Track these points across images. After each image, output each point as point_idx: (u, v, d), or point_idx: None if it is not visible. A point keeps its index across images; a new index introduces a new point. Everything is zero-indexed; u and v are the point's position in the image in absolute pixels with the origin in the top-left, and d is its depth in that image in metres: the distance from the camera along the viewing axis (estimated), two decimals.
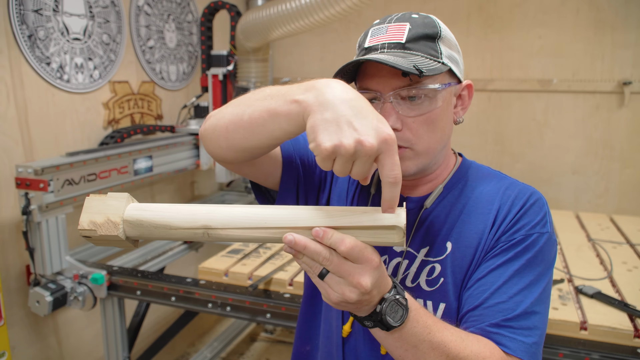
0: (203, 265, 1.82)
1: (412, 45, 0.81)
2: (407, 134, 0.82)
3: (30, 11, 1.90)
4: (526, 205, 0.85)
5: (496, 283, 0.81)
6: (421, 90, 0.81)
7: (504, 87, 2.92)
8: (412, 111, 0.81)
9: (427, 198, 0.90)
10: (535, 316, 0.80)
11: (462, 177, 0.92)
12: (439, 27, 0.84)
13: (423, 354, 0.73)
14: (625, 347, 1.33)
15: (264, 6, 2.27)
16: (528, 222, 0.83)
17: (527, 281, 0.80)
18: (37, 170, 1.71)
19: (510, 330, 0.78)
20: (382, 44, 0.82)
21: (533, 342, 0.79)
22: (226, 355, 2.99)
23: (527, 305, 0.79)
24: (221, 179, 2.70)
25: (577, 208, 2.81)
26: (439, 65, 0.81)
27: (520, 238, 0.82)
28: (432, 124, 0.83)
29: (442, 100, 0.83)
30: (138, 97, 2.50)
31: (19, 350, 1.93)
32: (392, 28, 0.83)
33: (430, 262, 0.86)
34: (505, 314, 0.79)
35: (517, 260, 0.81)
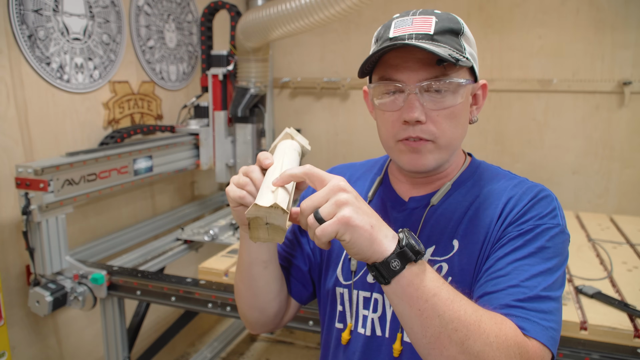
0: (203, 265, 1.82)
1: (440, 37, 0.80)
2: (431, 127, 0.82)
3: (30, 11, 1.90)
4: (535, 198, 0.82)
5: (505, 269, 0.77)
6: (448, 83, 0.80)
7: (504, 87, 2.92)
8: (437, 104, 0.81)
9: (434, 195, 0.89)
10: (551, 302, 0.75)
11: (470, 175, 0.91)
12: (462, 24, 0.84)
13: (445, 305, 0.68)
14: (625, 347, 1.33)
15: (264, 6, 2.27)
16: (537, 213, 0.81)
17: (540, 269, 0.76)
18: (37, 170, 1.71)
19: (524, 311, 0.73)
20: (410, 35, 0.81)
21: (550, 326, 0.73)
22: (226, 355, 2.99)
23: (539, 290, 0.74)
24: (221, 179, 2.70)
25: (577, 208, 2.81)
26: (466, 60, 0.81)
27: (529, 228, 0.79)
28: (455, 118, 0.83)
29: (464, 97, 0.83)
30: (138, 97, 2.50)
31: (19, 350, 1.93)
32: (417, 20, 0.82)
33: (438, 262, 0.85)
34: (516, 296, 0.74)
35: (525, 248, 0.78)
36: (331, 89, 3.27)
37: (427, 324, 0.68)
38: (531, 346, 0.71)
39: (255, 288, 0.92)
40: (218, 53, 2.58)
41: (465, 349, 0.67)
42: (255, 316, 0.97)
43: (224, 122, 2.61)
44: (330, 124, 3.33)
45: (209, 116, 2.63)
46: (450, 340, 0.68)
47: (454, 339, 0.67)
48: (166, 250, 2.25)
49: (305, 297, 1.02)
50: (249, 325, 1.00)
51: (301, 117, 3.40)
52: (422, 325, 0.69)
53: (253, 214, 0.69)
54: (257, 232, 0.71)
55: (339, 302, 0.95)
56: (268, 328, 1.00)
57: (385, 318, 0.89)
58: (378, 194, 0.97)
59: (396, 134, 0.84)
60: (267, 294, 0.94)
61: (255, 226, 0.70)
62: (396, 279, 0.69)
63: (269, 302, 0.95)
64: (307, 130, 3.40)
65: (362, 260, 0.70)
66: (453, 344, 0.68)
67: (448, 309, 0.68)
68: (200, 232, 2.36)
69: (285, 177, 0.73)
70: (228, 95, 2.62)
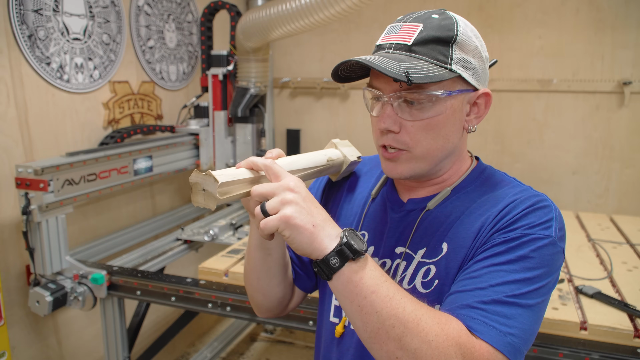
0: (203, 265, 1.82)
1: (419, 48, 0.79)
2: (404, 137, 0.82)
3: (30, 11, 1.90)
4: (531, 207, 0.79)
5: (479, 272, 0.75)
6: (421, 95, 0.79)
7: (504, 87, 2.92)
8: (410, 116, 0.81)
9: (431, 200, 0.89)
10: (517, 308, 0.72)
11: (472, 181, 0.89)
12: (457, 30, 0.81)
13: (383, 302, 0.70)
14: (625, 347, 1.33)
15: (264, 6, 2.27)
16: (528, 222, 0.77)
17: (516, 277, 0.73)
18: (37, 170, 1.71)
19: (482, 312, 0.71)
20: (390, 44, 0.81)
21: (508, 332, 0.70)
22: (226, 355, 2.99)
23: (509, 296, 0.72)
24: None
25: (577, 208, 2.81)
26: (444, 72, 0.78)
27: (515, 236, 0.76)
28: (433, 130, 0.81)
29: (449, 108, 0.81)
30: (138, 97, 2.50)
31: (19, 350, 1.93)
32: (405, 27, 0.82)
33: (426, 264, 0.84)
34: (480, 298, 0.72)
35: (505, 255, 0.75)
36: (331, 89, 3.27)
37: (367, 319, 0.71)
38: (478, 348, 0.69)
39: (259, 272, 0.95)
40: (218, 53, 2.58)
41: (402, 345, 0.69)
42: (260, 299, 1.00)
43: (224, 122, 2.61)
44: (330, 124, 3.33)
45: (209, 116, 2.63)
46: (388, 337, 0.70)
47: (392, 335, 0.69)
48: (166, 250, 2.25)
49: (309, 287, 1.05)
50: (255, 307, 1.03)
51: (301, 117, 3.41)
52: (362, 321, 0.71)
53: (193, 179, 0.77)
54: (196, 197, 0.78)
55: (334, 297, 0.95)
56: (273, 313, 1.03)
57: None
58: (381, 194, 0.97)
59: (377, 139, 0.87)
60: (270, 278, 0.96)
61: (195, 191, 0.78)
62: (336, 276, 0.72)
63: (273, 287, 0.97)
64: (307, 130, 3.40)
65: (305, 255, 0.74)
66: (391, 340, 0.69)
67: (386, 306, 0.70)
68: (200, 232, 2.36)
69: (247, 161, 0.80)
70: (228, 95, 2.62)
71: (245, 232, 2.38)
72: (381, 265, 0.90)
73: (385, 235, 0.92)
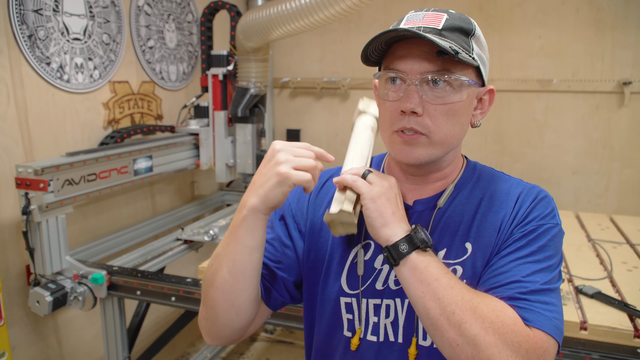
0: (203, 265, 1.82)
1: (448, 33, 0.81)
2: (426, 120, 0.82)
3: (30, 11, 1.90)
4: (536, 199, 0.87)
5: (507, 265, 0.81)
6: (449, 78, 0.80)
7: (504, 87, 2.92)
8: (436, 98, 0.81)
9: (440, 197, 0.89)
10: (551, 294, 0.79)
11: (470, 176, 0.92)
12: (474, 25, 0.85)
13: (444, 289, 0.75)
14: (625, 347, 1.33)
15: (264, 6, 2.27)
16: (539, 214, 0.85)
17: (542, 266, 0.80)
18: (37, 170, 1.71)
19: (526, 302, 0.77)
20: (418, 27, 0.81)
21: (553, 317, 0.77)
22: (226, 355, 2.99)
23: (541, 284, 0.79)
24: (221, 179, 2.70)
25: (577, 208, 2.81)
26: (470, 58, 0.81)
27: (532, 228, 0.83)
28: (452, 116, 0.82)
29: (467, 97, 0.83)
30: (138, 97, 2.50)
31: (19, 350, 1.93)
32: (429, 15, 0.83)
33: (451, 265, 0.85)
34: (519, 289, 0.78)
35: (528, 247, 0.82)
36: (331, 89, 3.27)
37: (429, 305, 0.75)
38: (533, 335, 0.74)
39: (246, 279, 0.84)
40: (218, 53, 2.58)
41: (462, 332, 0.72)
42: (230, 318, 0.87)
43: (224, 122, 2.61)
44: (330, 124, 3.33)
45: (209, 116, 2.63)
46: (448, 323, 0.73)
47: (452, 321, 0.73)
48: (166, 250, 2.25)
49: (279, 305, 0.99)
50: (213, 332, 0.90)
51: (301, 117, 3.41)
52: (424, 307, 0.75)
53: (328, 219, 0.83)
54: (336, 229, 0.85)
55: (345, 312, 0.93)
56: (232, 338, 0.91)
57: (397, 323, 0.88)
58: None
59: (393, 123, 0.84)
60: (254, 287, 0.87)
61: (333, 226, 0.84)
62: (403, 261, 0.78)
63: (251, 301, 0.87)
64: (307, 130, 3.40)
65: (373, 236, 0.81)
66: (451, 326, 0.73)
67: (447, 293, 0.74)
68: (200, 232, 2.36)
69: (340, 183, 0.85)
70: (228, 95, 2.62)
71: None
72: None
73: None
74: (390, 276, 0.89)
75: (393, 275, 0.89)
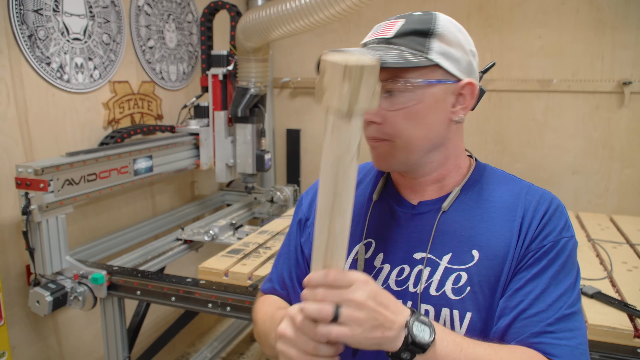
0: (203, 265, 1.82)
1: (398, 40, 0.83)
2: (386, 128, 0.84)
3: (30, 11, 1.90)
4: (549, 210, 0.85)
5: (534, 292, 0.80)
6: (400, 84, 0.81)
7: (504, 87, 2.92)
8: (391, 105, 0.82)
9: (444, 200, 0.88)
10: (575, 317, 0.80)
11: (477, 179, 0.90)
12: (435, 23, 0.83)
13: None
14: (625, 347, 1.33)
15: (264, 6, 2.27)
16: (554, 227, 0.83)
17: (564, 287, 0.81)
18: (37, 170, 1.71)
19: (553, 336, 0.78)
20: (373, 40, 0.85)
21: (578, 343, 0.79)
22: (226, 355, 2.99)
23: (565, 308, 0.80)
24: (221, 179, 2.70)
25: (577, 208, 2.81)
26: (420, 59, 0.80)
27: (550, 245, 0.82)
28: (414, 118, 0.82)
29: (429, 97, 0.82)
30: (138, 97, 2.50)
31: (19, 350, 1.93)
32: (388, 24, 0.86)
33: (456, 270, 0.84)
34: (546, 321, 0.79)
35: (551, 268, 0.81)
36: None
37: None
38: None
39: None
40: (218, 53, 2.58)
41: None
42: None
43: (224, 122, 2.61)
44: None
45: (209, 116, 2.63)
46: None
47: None
48: (166, 250, 2.25)
49: None
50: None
51: (301, 117, 3.41)
52: None
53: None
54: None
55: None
56: None
57: None
58: (384, 198, 0.95)
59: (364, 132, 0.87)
60: None
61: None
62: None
63: None
64: (307, 130, 3.40)
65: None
66: None
67: None
68: (200, 232, 2.36)
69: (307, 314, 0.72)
70: (228, 95, 2.62)
71: (246, 232, 2.38)
72: (398, 272, 0.88)
73: (398, 240, 0.90)
74: (391, 276, 0.88)
75: (394, 275, 0.88)
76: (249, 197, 2.93)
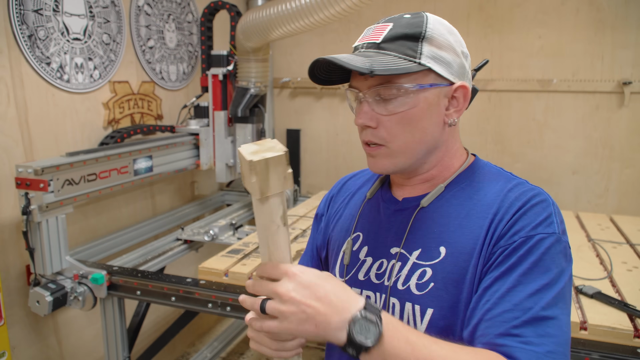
0: (203, 265, 1.82)
1: (387, 45, 0.82)
2: (381, 132, 0.84)
3: (30, 11, 1.90)
4: (526, 206, 0.79)
5: (499, 291, 0.75)
6: (392, 90, 0.81)
7: (504, 87, 2.92)
8: (386, 110, 0.83)
9: (425, 197, 0.88)
10: (548, 322, 0.72)
11: (468, 177, 0.89)
12: (426, 27, 0.82)
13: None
14: (625, 347, 1.33)
15: (264, 6, 2.27)
16: (527, 223, 0.77)
17: (536, 286, 0.73)
18: (37, 170, 1.71)
19: (518, 339, 0.71)
20: (362, 44, 0.86)
21: (547, 351, 0.70)
22: (226, 355, 2.99)
23: (536, 310, 0.72)
24: (221, 179, 2.70)
25: (577, 208, 2.81)
26: (411, 65, 0.80)
27: (520, 241, 0.76)
28: (408, 123, 0.83)
29: (423, 101, 0.82)
30: (138, 97, 2.50)
31: (19, 350, 1.93)
32: (377, 28, 0.86)
33: (422, 266, 0.83)
34: (511, 322, 0.72)
35: (520, 266, 0.75)
36: (331, 89, 3.26)
37: None
38: None
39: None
40: (218, 53, 2.58)
41: None
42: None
43: (224, 122, 2.61)
44: (330, 124, 3.33)
45: (209, 116, 2.63)
46: None
47: None
48: (166, 250, 2.25)
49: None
50: None
51: (301, 117, 3.40)
52: None
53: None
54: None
55: None
56: None
57: None
58: (377, 195, 0.98)
59: (360, 136, 0.89)
60: None
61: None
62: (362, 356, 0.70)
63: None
64: (307, 130, 3.40)
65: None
66: None
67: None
68: (200, 232, 2.36)
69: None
70: (228, 95, 2.62)
71: (246, 232, 2.38)
72: (378, 266, 0.90)
73: (380, 235, 0.92)
74: (372, 269, 0.91)
75: (375, 268, 0.90)
76: (249, 197, 2.92)
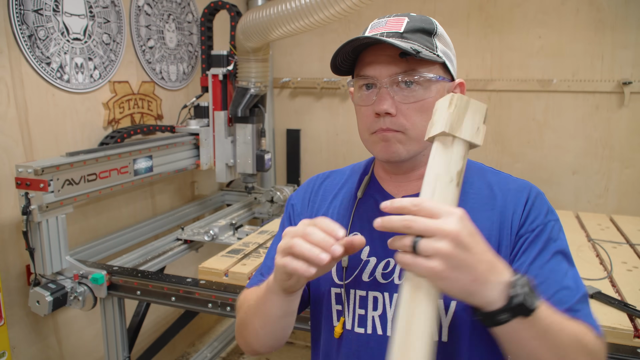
0: (203, 265, 1.82)
1: (410, 35, 0.86)
2: (401, 119, 0.86)
3: (30, 11, 1.90)
4: (530, 197, 0.88)
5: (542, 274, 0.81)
6: (416, 77, 0.85)
7: (504, 87, 2.92)
8: (407, 97, 0.85)
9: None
10: (582, 289, 0.82)
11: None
12: (436, 24, 0.90)
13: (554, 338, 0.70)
14: (625, 347, 1.33)
15: (264, 6, 2.27)
16: (539, 212, 0.87)
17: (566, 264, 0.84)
18: (37, 170, 1.71)
19: (583, 313, 0.79)
20: (382, 33, 0.87)
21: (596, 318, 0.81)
22: (226, 355, 2.99)
23: (580, 285, 0.82)
24: (221, 179, 2.70)
25: (577, 208, 2.81)
26: (435, 56, 0.85)
27: (540, 228, 0.85)
28: (425, 112, 0.85)
29: (435, 92, 0.87)
30: (138, 97, 2.50)
31: (19, 350, 1.93)
32: (391, 21, 0.90)
33: None
34: (570, 298, 0.80)
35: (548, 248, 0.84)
36: (331, 89, 3.27)
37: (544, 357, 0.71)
38: (601, 342, 0.78)
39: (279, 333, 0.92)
40: (218, 53, 2.58)
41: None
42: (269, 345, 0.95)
43: (224, 122, 2.61)
44: (330, 124, 3.33)
45: (209, 116, 2.63)
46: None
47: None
48: (166, 250, 2.25)
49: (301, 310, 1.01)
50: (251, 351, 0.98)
51: (301, 117, 3.40)
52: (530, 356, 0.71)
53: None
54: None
55: (334, 302, 0.95)
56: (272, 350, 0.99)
57: (386, 316, 0.89)
58: (368, 194, 0.98)
59: (370, 126, 0.89)
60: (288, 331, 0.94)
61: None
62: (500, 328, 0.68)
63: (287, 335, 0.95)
64: (307, 130, 3.40)
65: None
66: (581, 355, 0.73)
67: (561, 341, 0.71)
68: (200, 232, 2.36)
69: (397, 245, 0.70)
70: (228, 95, 2.62)
71: (246, 232, 2.38)
72: (384, 265, 0.90)
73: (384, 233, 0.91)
74: (377, 268, 0.91)
75: (381, 268, 0.90)
76: (249, 197, 2.93)
